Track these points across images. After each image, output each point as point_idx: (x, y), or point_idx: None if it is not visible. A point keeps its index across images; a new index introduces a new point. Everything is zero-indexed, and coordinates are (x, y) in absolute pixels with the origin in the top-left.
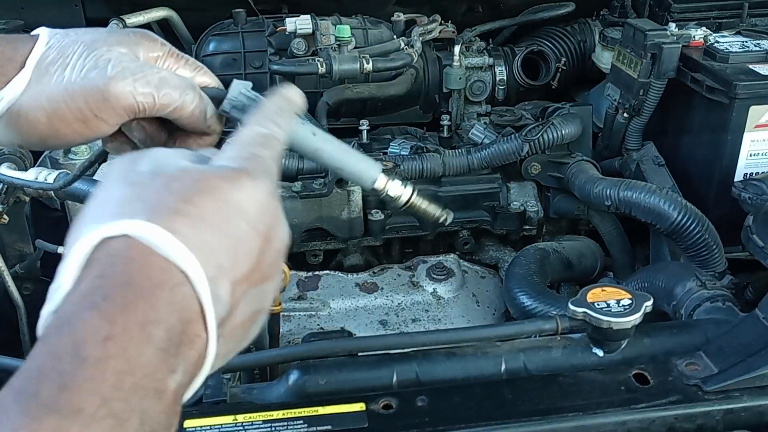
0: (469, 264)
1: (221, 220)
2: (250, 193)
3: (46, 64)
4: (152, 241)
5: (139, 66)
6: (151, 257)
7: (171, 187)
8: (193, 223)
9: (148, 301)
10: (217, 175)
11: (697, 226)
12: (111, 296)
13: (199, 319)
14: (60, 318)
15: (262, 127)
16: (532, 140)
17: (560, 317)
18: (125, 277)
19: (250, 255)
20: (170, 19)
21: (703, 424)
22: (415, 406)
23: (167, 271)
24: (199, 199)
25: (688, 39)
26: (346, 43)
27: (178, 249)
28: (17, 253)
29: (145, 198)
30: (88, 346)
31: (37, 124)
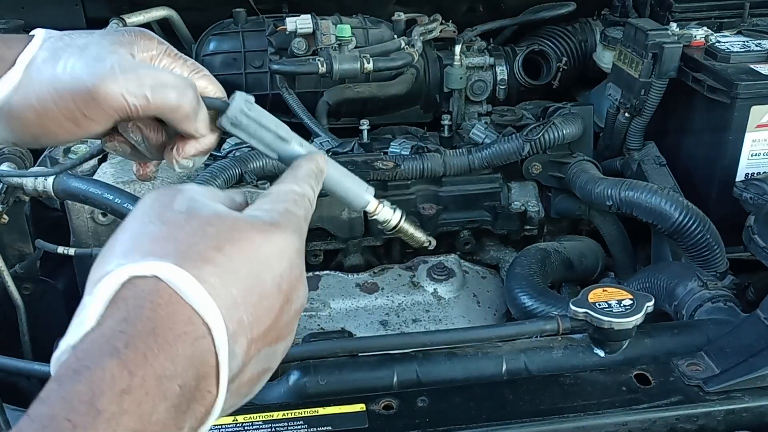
0: (470, 264)
1: (249, 274)
2: (279, 249)
3: (37, 63)
4: (181, 288)
5: (131, 65)
6: (177, 305)
7: (205, 232)
8: (221, 274)
9: (168, 353)
10: (251, 225)
11: (698, 226)
12: (133, 343)
13: (213, 374)
14: (78, 360)
15: (298, 186)
16: (533, 140)
17: (561, 317)
18: (150, 324)
19: (270, 313)
20: (170, 18)
21: (705, 424)
22: (415, 406)
23: (191, 323)
24: (231, 248)
25: (690, 39)
26: (346, 42)
27: (205, 300)
28: (17, 253)
29: (178, 239)
30: (104, 399)
31: (27, 122)
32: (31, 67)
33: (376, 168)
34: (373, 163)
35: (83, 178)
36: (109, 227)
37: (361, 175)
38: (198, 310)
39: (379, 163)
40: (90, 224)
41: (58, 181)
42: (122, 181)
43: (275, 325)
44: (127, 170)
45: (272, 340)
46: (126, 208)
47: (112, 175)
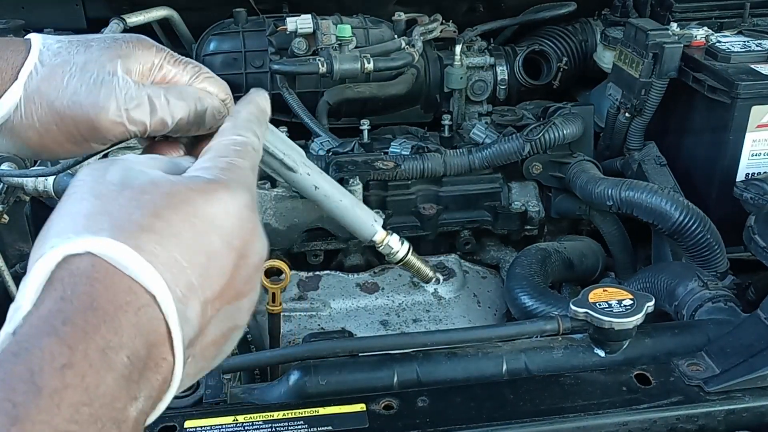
0: (470, 264)
1: (192, 236)
2: (224, 207)
3: (37, 81)
4: (117, 259)
5: (132, 93)
6: (115, 277)
7: (139, 201)
8: (161, 240)
9: (110, 325)
10: (189, 187)
11: (698, 227)
12: (72, 320)
13: (165, 341)
14: (17, 343)
15: (239, 135)
16: (534, 140)
17: (561, 317)
18: (88, 299)
19: (223, 272)
20: (171, 18)
21: (705, 424)
22: (416, 406)
23: (132, 292)
24: (169, 213)
25: (690, 39)
26: (346, 42)
27: (144, 268)
28: (17, 253)
29: (111, 212)
30: (44, 375)
31: (28, 141)
32: (31, 84)
33: (376, 168)
34: (373, 163)
35: None
36: None
37: (362, 175)
38: (138, 278)
39: (380, 163)
40: None
41: (58, 180)
42: None
43: (232, 283)
44: None
45: (231, 297)
46: None
47: None
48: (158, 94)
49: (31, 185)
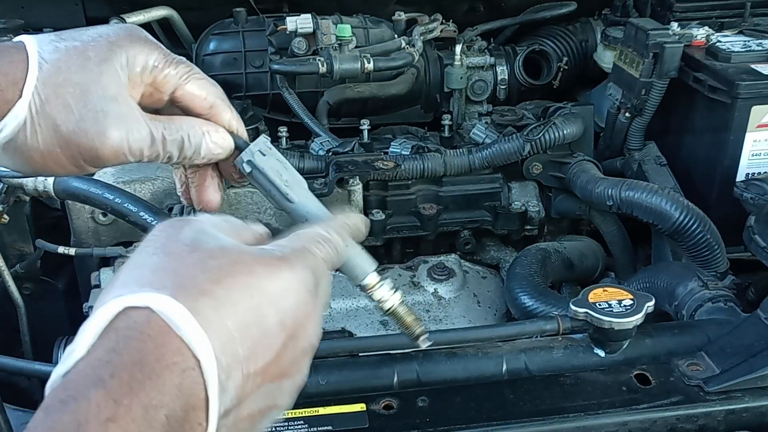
0: (470, 264)
1: (248, 308)
2: (284, 285)
3: (42, 100)
4: (173, 319)
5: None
6: (168, 336)
7: (206, 265)
8: (218, 306)
9: (155, 383)
10: (256, 258)
11: (698, 227)
12: (119, 374)
13: (202, 407)
14: (65, 390)
15: (326, 231)
16: (534, 140)
17: (561, 317)
18: (137, 354)
19: (270, 349)
20: (170, 18)
21: (705, 424)
22: (415, 406)
23: (180, 353)
24: (231, 281)
25: (690, 38)
26: (347, 42)
27: (195, 332)
28: (17, 253)
29: (177, 271)
30: (90, 427)
31: (31, 161)
32: (35, 104)
33: (376, 168)
34: (373, 163)
35: (84, 178)
36: (110, 227)
37: (362, 175)
38: (188, 341)
39: (380, 163)
40: (90, 224)
41: (58, 180)
42: (122, 181)
43: (277, 361)
44: (128, 170)
45: (274, 376)
46: (126, 208)
47: (112, 175)
48: (158, 128)
49: (31, 185)
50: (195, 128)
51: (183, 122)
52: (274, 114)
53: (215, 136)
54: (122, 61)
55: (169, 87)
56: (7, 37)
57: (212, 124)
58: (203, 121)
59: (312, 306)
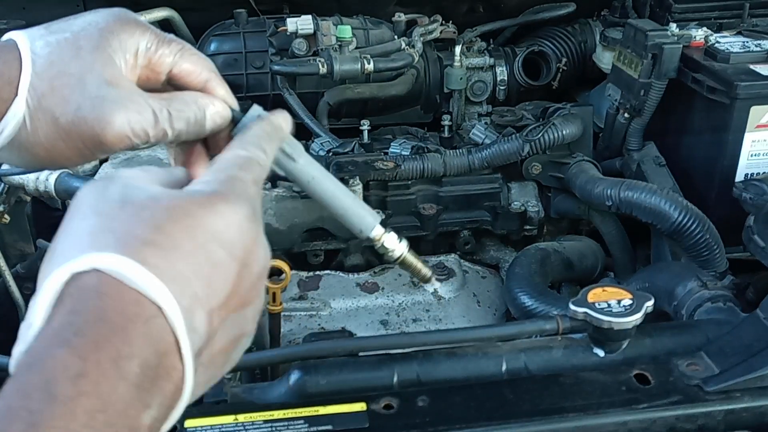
0: (470, 264)
1: (194, 248)
2: (224, 219)
3: (38, 96)
4: (123, 274)
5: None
6: (122, 291)
7: (140, 217)
8: (164, 254)
9: (121, 336)
10: (189, 200)
11: (698, 227)
12: (83, 332)
13: (174, 351)
14: (31, 355)
15: (244, 150)
16: (533, 140)
17: (561, 317)
18: (97, 312)
19: (226, 281)
20: (171, 19)
21: (704, 424)
22: (416, 406)
23: (140, 304)
24: (170, 227)
25: (689, 39)
26: (347, 43)
27: (149, 281)
28: (18, 253)
29: (114, 229)
30: (58, 384)
31: (36, 156)
32: (32, 100)
33: (376, 168)
34: (373, 164)
35: (84, 178)
36: None
37: (362, 175)
38: (144, 291)
39: (380, 163)
40: None
41: (59, 181)
42: None
43: (236, 292)
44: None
45: (237, 306)
46: None
47: None
48: (161, 106)
49: (32, 185)
50: (198, 101)
51: (185, 96)
52: None
53: (216, 107)
54: (115, 46)
55: (165, 66)
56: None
57: (209, 96)
58: (201, 94)
59: (255, 230)
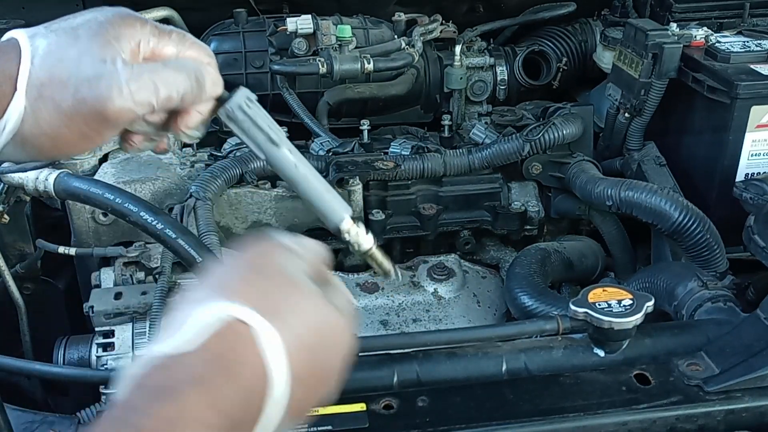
0: (470, 264)
1: (316, 348)
2: (345, 340)
3: (37, 86)
4: (261, 338)
5: (131, 75)
6: (255, 359)
7: (293, 300)
8: (295, 341)
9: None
10: (333, 314)
11: (698, 227)
12: (210, 379)
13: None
14: (169, 378)
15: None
16: (533, 140)
17: (561, 317)
18: (227, 364)
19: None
20: (171, 18)
21: (704, 424)
22: (416, 406)
23: (256, 375)
24: (312, 322)
25: (690, 39)
26: (347, 43)
27: (276, 357)
28: (18, 253)
29: (271, 296)
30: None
31: (41, 147)
32: (32, 92)
33: (376, 168)
34: (373, 163)
35: (84, 178)
36: (110, 227)
37: (362, 175)
38: (266, 358)
39: (380, 163)
40: (91, 224)
41: (58, 180)
42: (123, 181)
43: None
44: (128, 170)
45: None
46: (126, 208)
47: (113, 175)
48: (157, 69)
49: (32, 185)
50: (197, 60)
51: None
52: (275, 114)
53: (213, 74)
54: (114, 34)
55: (167, 57)
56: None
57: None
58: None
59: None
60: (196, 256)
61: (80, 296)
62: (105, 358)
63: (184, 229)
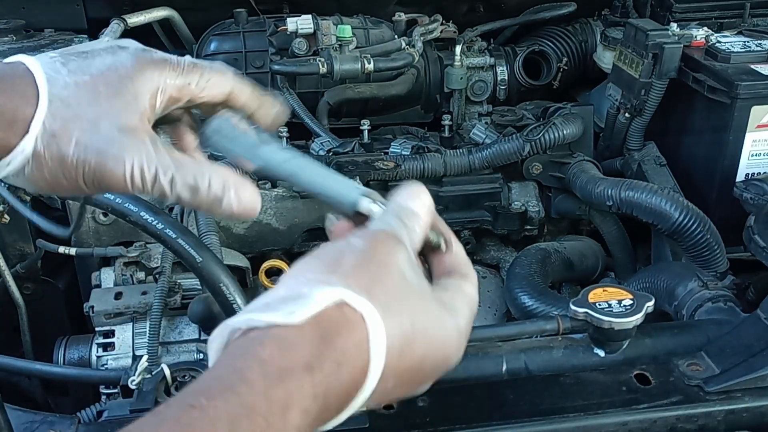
0: None
1: (422, 347)
2: (454, 335)
3: (49, 135)
4: (372, 338)
5: (141, 159)
6: (362, 346)
7: (407, 297)
8: (402, 335)
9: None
10: (441, 308)
11: (698, 227)
12: (320, 365)
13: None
14: (281, 358)
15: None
16: (534, 140)
17: (561, 317)
18: (338, 353)
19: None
20: (171, 18)
21: (705, 424)
22: (416, 406)
23: (361, 359)
24: (421, 318)
25: (690, 39)
26: (347, 43)
27: (378, 347)
28: (18, 253)
29: (387, 289)
30: (293, 412)
31: (36, 185)
32: (42, 139)
33: (376, 168)
34: (373, 163)
35: None
36: (110, 227)
37: (362, 176)
38: (371, 352)
39: (380, 163)
40: (91, 224)
41: None
42: None
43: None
44: None
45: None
46: (127, 208)
47: None
48: (167, 168)
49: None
50: (217, 178)
51: (206, 168)
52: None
53: (244, 193)
54: (134, 92)
55: (187, 96)
56: (9, 37)
57: (239, 177)
58: (229, 173)
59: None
60: (196, 256)
61: (80, 296)
62: (105, 358)
63: (184, 229)
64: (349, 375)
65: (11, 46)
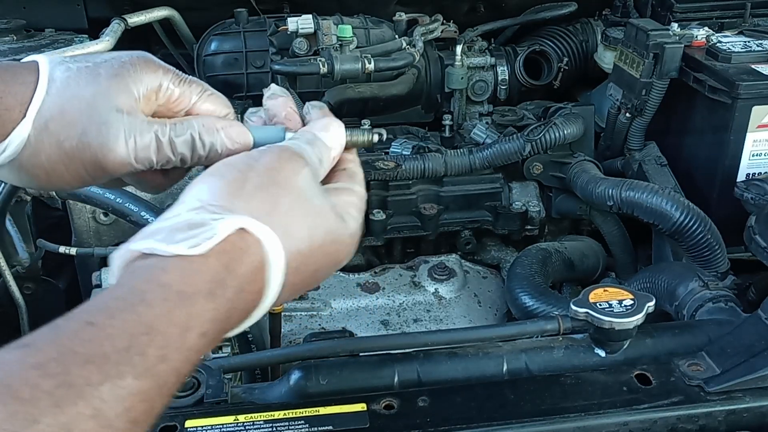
0: (471, 264)
1: (318, 253)
2: (348, 244)
3: (46, 119)
4: (268, 254)
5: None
6: (258, 261)
7: (305, 215)
8: (297, 249)
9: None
10: (336, 226)
11: (699, 227)
12: (222, 290)
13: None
14: (185, 284)
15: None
16: (534, 140)
17: (562, 317)
18: (238, 279)
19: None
20: (172, 18)
21: (705, 424)
22: (416, 406)
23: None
24: (317, 236)
25: (691, 39)
26: (347, 42)
27: (277, 259)
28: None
29: (281, 211)
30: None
31: (35, 178)
32: (40, 122)
33: (377, 168)
34: (374, 163)
35: None
36: (111, 227)
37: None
38: (268, 272)
39: (381, 162)
40: (91, 224)
41: None
42: None
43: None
44: None
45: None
46: (127, 207)
47: None
48: (165, 132)
49: None
50: (207, 124)
51: (193, 120)
52: None
53: (233, 131)
54: (134, 77)
55: (183, 106)
56: (9, 36)
57: (226, 120)
58: (216, 118)
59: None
60: None
61: (81, 296)
62: None
63: None
64: (249, 297)
65: (12, 45)
